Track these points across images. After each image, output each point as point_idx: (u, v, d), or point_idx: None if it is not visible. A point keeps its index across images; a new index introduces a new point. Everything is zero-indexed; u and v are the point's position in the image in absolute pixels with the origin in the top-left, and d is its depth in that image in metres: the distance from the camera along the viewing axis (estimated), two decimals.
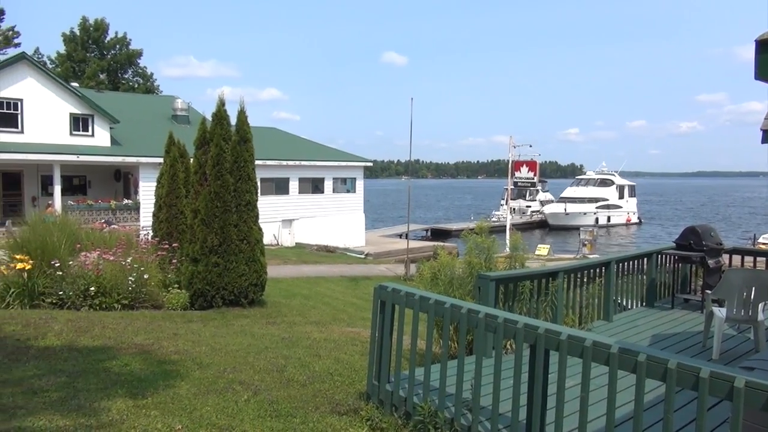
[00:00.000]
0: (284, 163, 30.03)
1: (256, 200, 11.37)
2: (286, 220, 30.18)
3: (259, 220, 11.57)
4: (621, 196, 58.10)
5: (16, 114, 23.94)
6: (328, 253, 27.83)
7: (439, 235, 46.38)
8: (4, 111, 23.62)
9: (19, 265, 9.45)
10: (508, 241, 21.80)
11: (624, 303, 8.08)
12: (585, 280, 7.26)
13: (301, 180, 31.44)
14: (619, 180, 58.77)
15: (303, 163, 31.12)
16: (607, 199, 56.39)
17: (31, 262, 9.57)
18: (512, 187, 35.44)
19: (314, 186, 32.14)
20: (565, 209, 53.27)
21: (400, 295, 4.67)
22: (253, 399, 5.07)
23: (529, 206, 59.29)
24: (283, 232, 30.05)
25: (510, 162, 32.79)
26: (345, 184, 33.78)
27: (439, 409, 4.22)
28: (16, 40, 61.14)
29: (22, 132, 23.97)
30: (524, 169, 33.50)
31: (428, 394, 4.37)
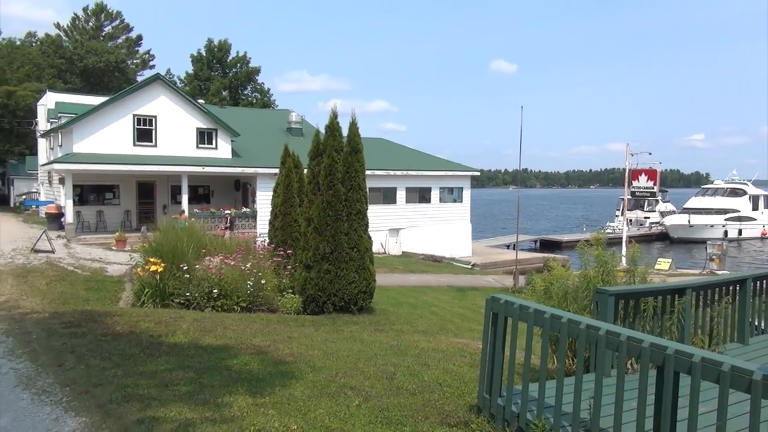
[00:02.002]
0: (392, 173, 30.47)
1: (366, 209, 11.61)
2: (393, 229, 30.56)
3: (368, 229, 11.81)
4: (755, 207, 52.98)
5: (151, 129, 26.26)
6: (434, 262, 27.81)
7: (548, 246, 44.86)
8: (142, 127, 26.00)
9: (153, 268, 10.32)
10: (624, 254, 20.62)
11: (762, 325, 7.34)
12: (716, 297, 6.68)
13: (409, 190, 31.72)
14: (752, 189, 53.65)
15: (410, 172, 31.40)
16: (738, 211, 51.65)
17: (162, 265, 10.41)
18: (629, 197, 33.51)
19: (421, 195, 32.30)
20: (689, 221, 49.46)
21: (513, 308, 4.55)
22: (364, 405, 5.15)
23: (648, 217, 55.70)
24: (390, 240, 30.44)
25: (627, 170, 31.05)
26: (452, 194, 33.65)
27: (554, 428, 4.05)
28: (151, 63, 67.40)
29: (155, 146, 26.23)
30: (643, 178, 31.56)
31: (543, 411, 4.21)
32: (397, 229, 30.85)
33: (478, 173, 36.81)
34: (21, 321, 8.30)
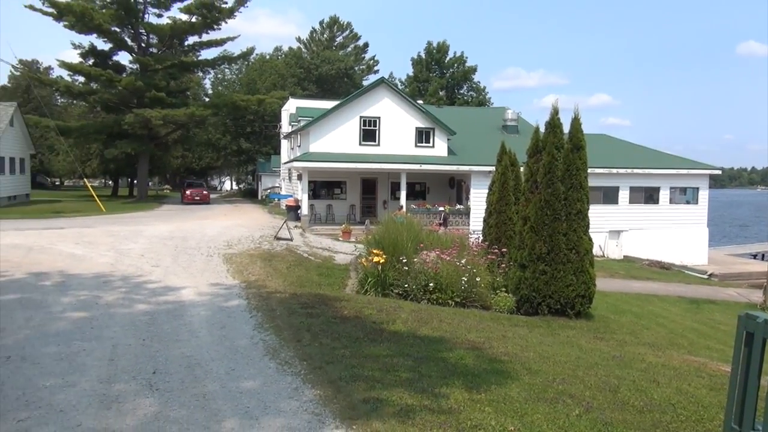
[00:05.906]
0: (614, 171, 28.36)
1: (587, 209, 10.99)
2: (613, 231, 28.46)
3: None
4: None
5: (375, 130, 28.14)
6: (661, 269, 25.26)
7: None
8: (367, 127, 28.02)
9: (375, 259, 11.04)
10: None
11: None
12: None
13: (633, 189, 29.22)
14: None
15: (635, 171, 28.88)
16: None
17: (384, 256, 11.08)
18: None
19: (647, 196, 29.53)
20: None
21: None
22: (584, 416, 4.87)
23: None
24: (610, 243, 28.41)
25: None
26: (684, 195, 30.17)
27: None
28: (375, 68, 72.32)
29: (378, 145, 28.04)
30: None
31: None
32: (618, 231, 28.66)
33: (719, 171, 32.40)
34: (267, 299, 9.51)
